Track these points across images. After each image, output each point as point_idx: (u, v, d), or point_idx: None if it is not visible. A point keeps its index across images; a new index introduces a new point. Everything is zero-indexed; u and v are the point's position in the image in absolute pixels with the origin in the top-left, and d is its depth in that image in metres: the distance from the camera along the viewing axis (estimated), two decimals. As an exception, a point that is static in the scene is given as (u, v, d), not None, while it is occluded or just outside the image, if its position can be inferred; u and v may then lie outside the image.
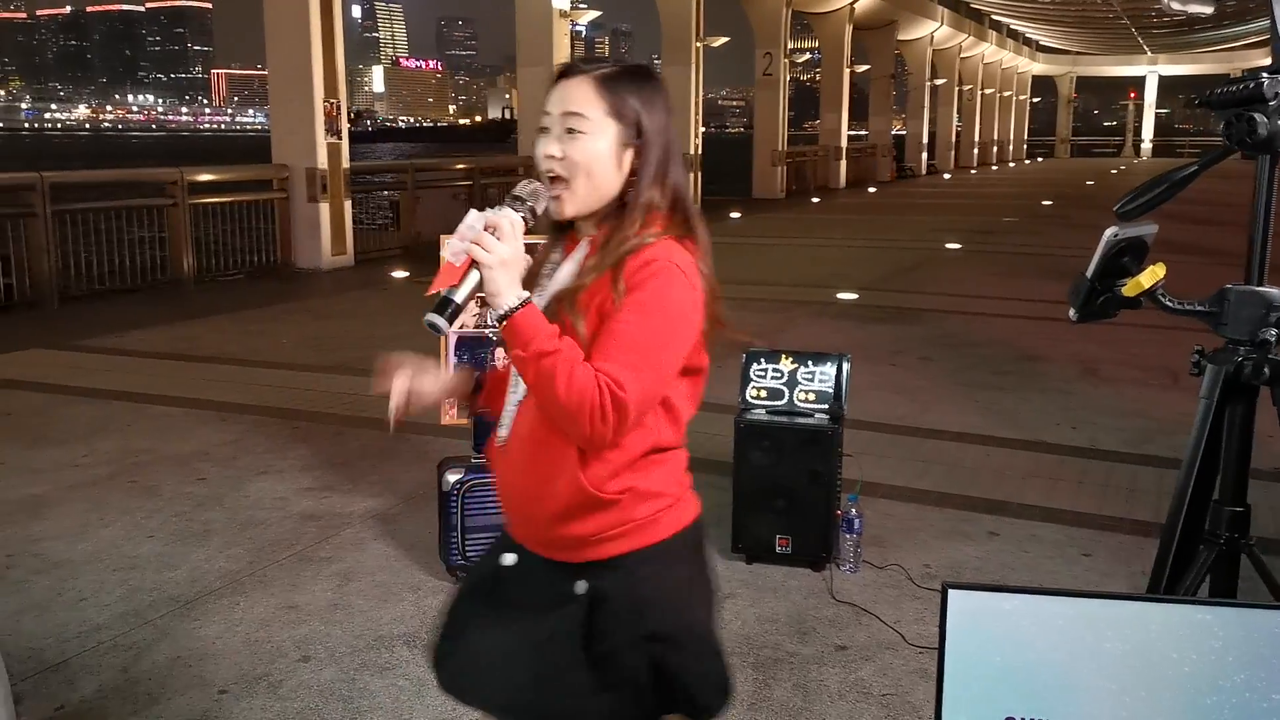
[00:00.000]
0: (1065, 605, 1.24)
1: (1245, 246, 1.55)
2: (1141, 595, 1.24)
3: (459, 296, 1.47)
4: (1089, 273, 1.47)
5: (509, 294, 1.47)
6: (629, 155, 1.57)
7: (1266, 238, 1.46)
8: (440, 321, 1.47)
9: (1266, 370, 1.47)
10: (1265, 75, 1.44)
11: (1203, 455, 1.51)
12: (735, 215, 17.96)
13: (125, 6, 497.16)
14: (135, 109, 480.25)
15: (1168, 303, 1.49)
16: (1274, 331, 1.46)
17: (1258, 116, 1.39)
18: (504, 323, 1.47)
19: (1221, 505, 1.52)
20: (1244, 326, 1.47)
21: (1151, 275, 1.45)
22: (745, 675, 3.03)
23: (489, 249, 1.47)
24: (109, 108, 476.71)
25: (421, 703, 2.89)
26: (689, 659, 1.60)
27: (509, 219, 1.50)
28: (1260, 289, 1.48)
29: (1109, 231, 1.48)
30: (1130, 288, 1.46)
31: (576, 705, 1.57)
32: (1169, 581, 1.49)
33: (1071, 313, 1.56)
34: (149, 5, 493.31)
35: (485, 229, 1.48)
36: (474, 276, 1.48)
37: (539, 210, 1.56)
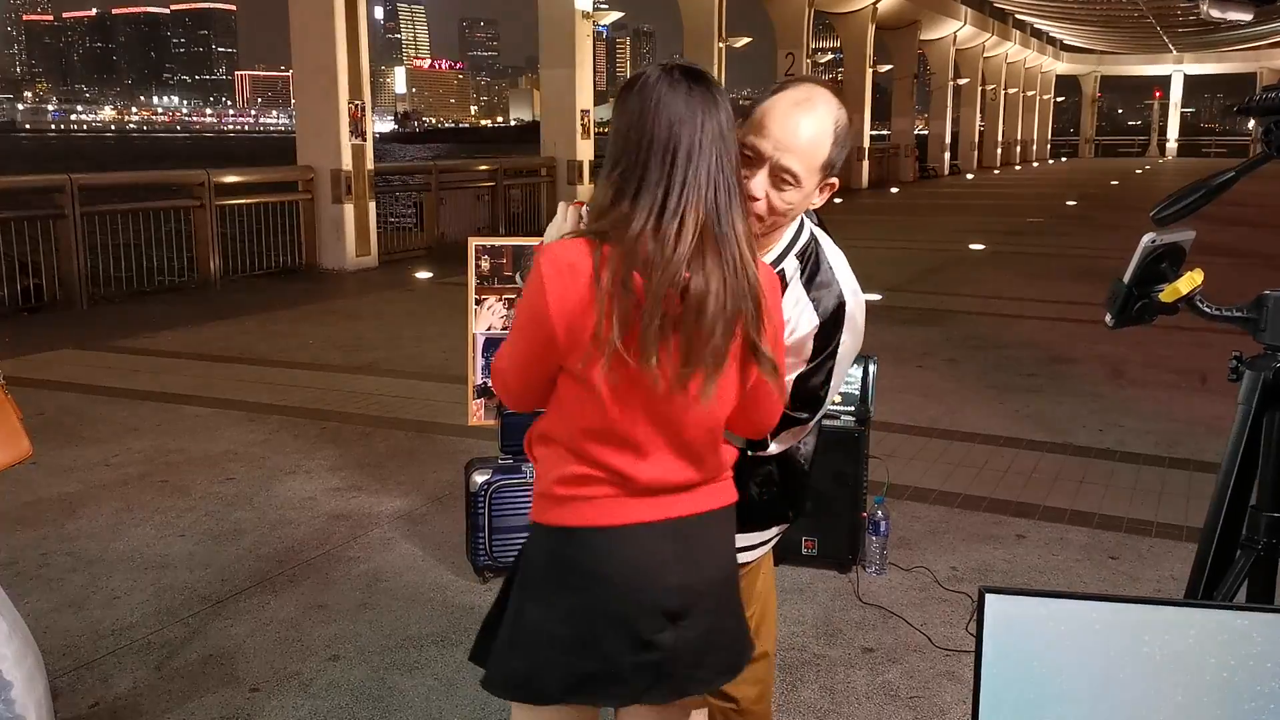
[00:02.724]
0: (1103, 610, 1.24)
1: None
2: (1180, 600, 1.24)
3: None
4: (1126, 279, 1.47)
5: None
6: None
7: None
8: None
9: (1306, 378, 1.47)
10: (1307, 81, 1.44)
11: (1240, 461, 1.51)
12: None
13: (150, 9, 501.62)
14: (160, 111, 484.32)
15: (1206, 309, 1.49)
16: (1314, 338, 1.45)
17: (1299, 124, 1.40)
18: None
19: (1259, 511, 1.52)
20: (1284, 334, 1.47)
21: (1189, 281, 1.45)
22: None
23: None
24: (134, 109, 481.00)
25: (451, 702, 2.91)
26: (507, 634, 1.70)
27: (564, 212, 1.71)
28: (1301, 295, 1.47)
29: (1146, 238, 1.48)
30: (1168, 294, 1.46)
31: None
32: (1206, 587, 1.49)
33: (1108, 319, 1.55)
34: (174, 7, 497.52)
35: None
36: None
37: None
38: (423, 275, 11.37)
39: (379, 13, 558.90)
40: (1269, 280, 1.57)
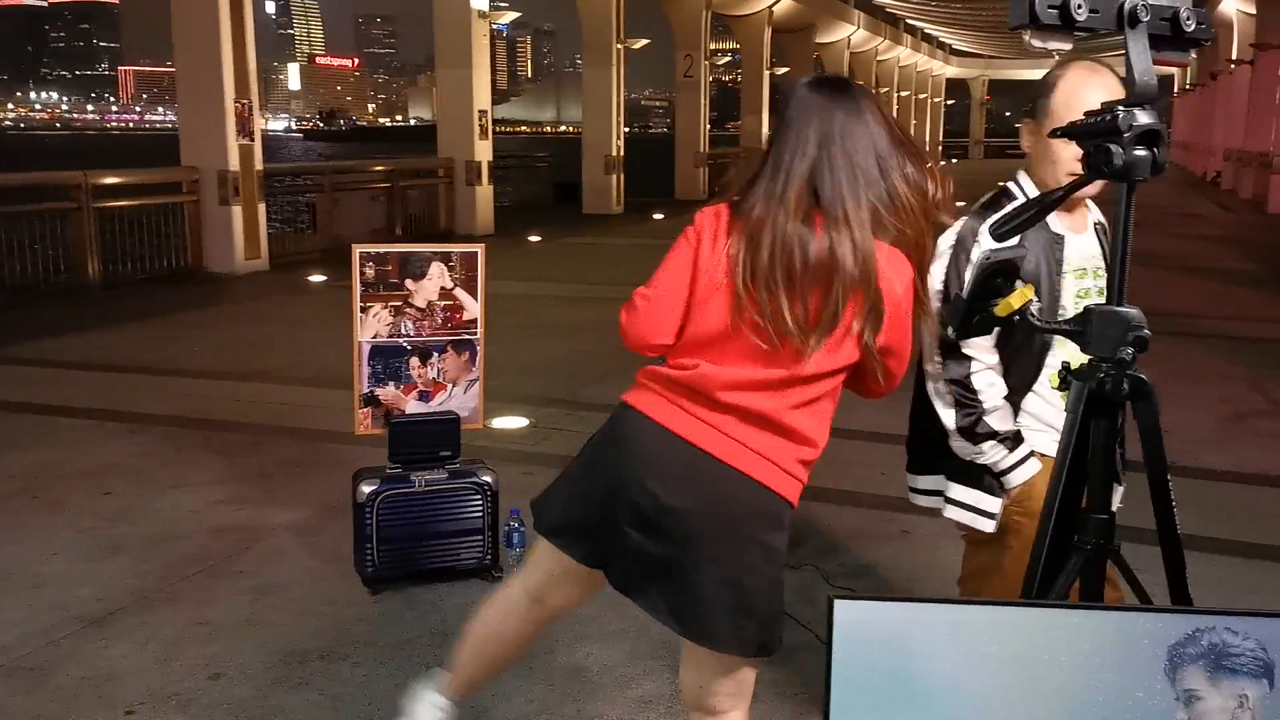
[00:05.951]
0: (947, 613, 1.30)
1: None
2: (1017, 601, 1.30)
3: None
4: (964, 293, 1.55)
5: None
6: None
7: (1125, 260, 1.56)
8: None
9: (1126, 386, 1.58)
10: (1120, 109, 1.54)
11: (1069, 466, 1.59)
12: (659, 216, 18.06)
13: (28, 1, 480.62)
14: (39, 107, 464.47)
15: (1037, 322, 1.58)
16: (1131, 350, 1.56)
17: (1114, 148, 1.49)
18: None
19: (1089, 513, 1.61)
20: (1106, 345, 1.57)
21: (1020, 296, 1.53)
22: (661, 678, 3.07)
23: None
24: (10, 106, 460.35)
25: (337, 718, 2.88)
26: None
27: None
28: (1120, 309, 1.58)
29: (979, 254, 1.56)
30: (1001, 308, 1.55)
31: None
32: (1041, 586, 1.57)
33: (950, 331, 1.63)
34: (53, 0, 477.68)
35: None
36: None
37: None
38: (316, 278, 11.16)
39: (270, 7, 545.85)
40: (1157, 277, 1.66)
